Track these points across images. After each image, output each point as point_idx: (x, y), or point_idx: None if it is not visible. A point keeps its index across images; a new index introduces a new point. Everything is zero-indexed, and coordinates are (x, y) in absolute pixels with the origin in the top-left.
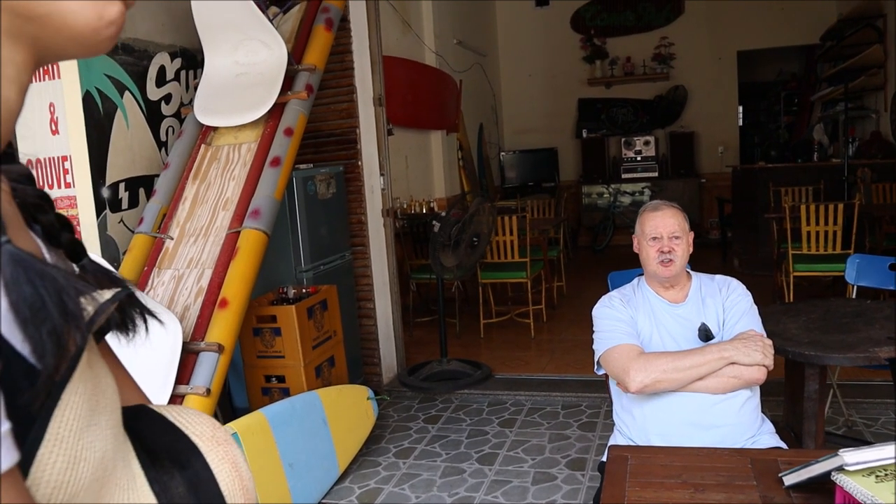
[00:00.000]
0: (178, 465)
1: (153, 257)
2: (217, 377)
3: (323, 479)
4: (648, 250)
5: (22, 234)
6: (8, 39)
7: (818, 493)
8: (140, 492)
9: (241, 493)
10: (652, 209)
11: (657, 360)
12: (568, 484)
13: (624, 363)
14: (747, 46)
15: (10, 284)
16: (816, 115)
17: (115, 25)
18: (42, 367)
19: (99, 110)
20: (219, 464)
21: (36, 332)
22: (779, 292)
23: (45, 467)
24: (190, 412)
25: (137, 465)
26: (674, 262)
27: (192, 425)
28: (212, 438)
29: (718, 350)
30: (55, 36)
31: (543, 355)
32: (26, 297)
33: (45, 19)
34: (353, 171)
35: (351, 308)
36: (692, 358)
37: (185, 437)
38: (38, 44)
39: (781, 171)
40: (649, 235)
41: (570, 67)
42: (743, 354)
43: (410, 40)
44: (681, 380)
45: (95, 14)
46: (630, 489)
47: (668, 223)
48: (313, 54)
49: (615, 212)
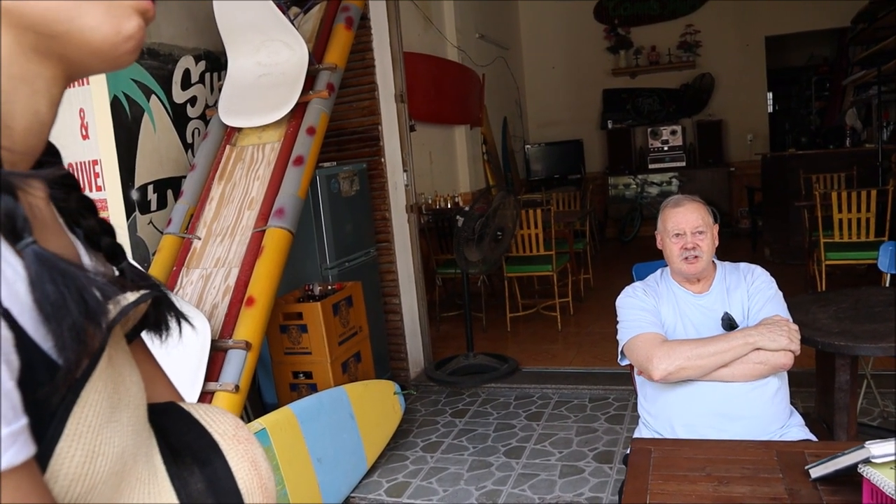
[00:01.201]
0: (198, 461)
1: (182, 257)
2: (245, 374)
3: (351, 474)
4: (672, 247)
5: (54, 237)
6: (35, 55)
7: (846, 486)
8: (160, 486)
9: (259, 492)
10: (673, 205)
11: (681, 347)
12: (595, 477)
13: (647, 351)
14: (776, 31)
15: (34, 282)
16: (849, 100)
17: (133, 40)
18: (62, 362)
19: (127, 114)
20: (238, 462)
21: (57, 328)
22: (811, 282)
23: (64, 461)
24: (215, 410)
25: (160, 459)
26: (700, 258)
27: (215, 423)
28: (233, 437)
29: (743, 336)
30: (78, 52)
31: (570, 348)
32: (49, 294)
33: (66, 37)
34: (376, 167)
35: (377, 304)
36: (716, 344)
37: (208, 435)
38: (64, 60)
39: (812, 157)
40: (672, 232)
41: (594, 58)
42: (768, 339)
43: (432, 36)
44: (705, 366)
45: (113, 30)
46: (653, 482)
47: (690, 218)
48: (334, 53)
49: (643, 202)
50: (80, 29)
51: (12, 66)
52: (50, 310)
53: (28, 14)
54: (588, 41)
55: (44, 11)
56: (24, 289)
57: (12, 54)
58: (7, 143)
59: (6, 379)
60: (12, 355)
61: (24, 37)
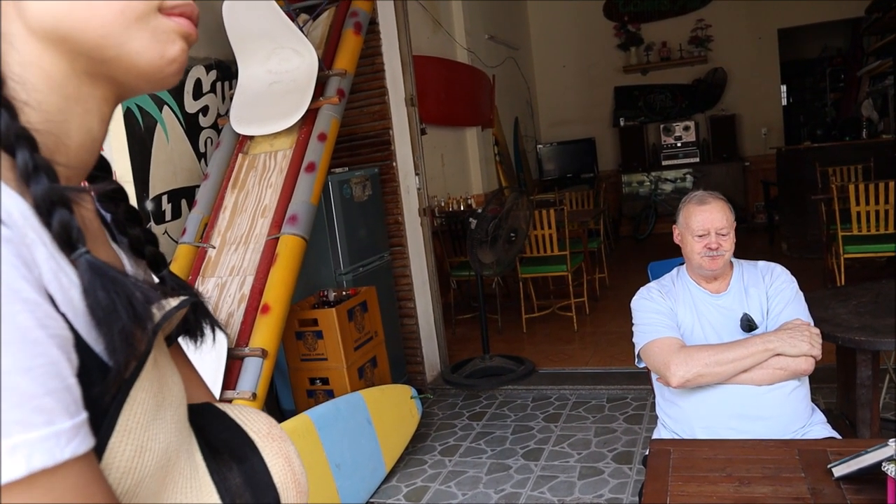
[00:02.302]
0: (236, 458)
1: (197, 266)
2: (262, 381)
3: (370, 479)
4: (693, 245)
5: (102, 246)
6: (88, 78)
7: (870, 485)
8: (201, 481)
9: (293, 487)
10: (698, 202)
11: (698, 354)
12: (615, 478)
13: (664, 357)
14: (788, 24)
15: (87, 290)
16: (864, 91)
17: (177, 63)
18: (113, 363)
19: (140, 126)
20: (273, 458)
21: (108, 332)
22: (830, 276)
23: (115, 455)
24: (250, 411)
25: (200, 456)
26: (722, 256)
27: (250, 422)
28: (268, 435)
29: (762, 342)
30: (126, 75)
31: (587, 348)
32: (101, 301)
33: (115, 61)
34: (388, 172)
35: (392, 308)
36: (735, 350)
37: (244, 433)
38: (114, 81)
39: (828, 150)
40: (696, 231)
41: (605, 56)
42: (788, 346)
43: (441, 38)
44: (723, 373)
45: (158, 54)
46: (673, 483)
47: (716, 218)
48: (343, 59)
49: (657, 200)
50: (129, 54)
51: (67, 87)
52: (102, 315)
53: (82, 41)
54: (598, 39)
55: (96, 38)
56: (78, 296)
57: (67, 77)
58: (63, 159)
59: (68, 374)
60: (73, 354)
61: (78, 61)
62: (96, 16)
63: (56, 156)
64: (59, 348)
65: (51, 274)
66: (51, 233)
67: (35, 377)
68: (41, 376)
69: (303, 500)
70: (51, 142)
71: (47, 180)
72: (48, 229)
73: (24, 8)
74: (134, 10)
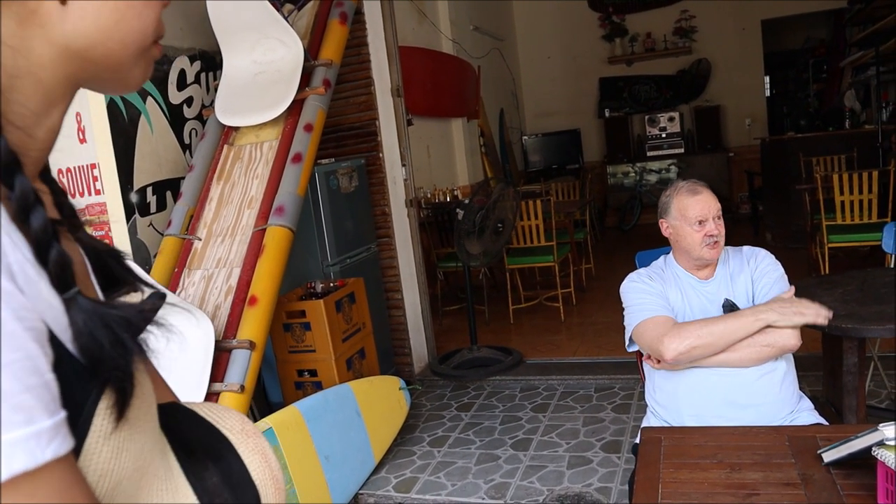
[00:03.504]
0: (211, 457)
1: (183, 258)
2: (250, 373)
3: (359, 471)
4: (694, 235)
5: (85, 280)
6: (74, 86)
7: (859, 469)
8: (177, 482)
9: (272, 484)
10: (690, 192)
11: (690, 326)
12: (604, 467)
13: (658, 332)
14: (771, 14)
15: (81, 332)
16: (847, 82)
17: (150, 73)
18: (96, 387)
19: (123, 117)
20: (250, 455)
21: (99, 368)
22: (814, 265)
23: (92, 457)
24: (219, 408)
25: (173, 457)
26: (719, 242)
27: (222, 419)
28: (241, 431)
29: (754, 312)
30: (110, 89)
31: (574, 338)
32: (94, 345)
33: (113, 81)
34: (374, 163)
35: (379, 300)
36: (727, 322)
37: (217, 431)
38: (81, 77)
39: (812, 140)
40: (695, 220)
41: (590, 47)
42: (779, 315)
43: (426, 29)
44: (716, 344)
45: (144, 77)
46: (664, 470)
47: (711, 205)
48: (329, 49)
49: (642, 190)
50: (130, 76)
51: (54, 93)
52: (93, 357)
53: (101, 65)
54: (583, 30)
55: (114, 64)
56: (46, 289)
57: (57, 83)
58: (32, 154)
59: (46, 369)
60: (48, 347)
61: (76, 75)
62: (125, 46)
63: (24, 154)
64: (36, 342)
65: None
66: (47, 270)
67: (13, 373)
68: (19, 371)
69: (281, 497)
70: (19, 139)
71: (43, 211)
72: (40, 262)
73: (55, 21)
74: (147, 42)
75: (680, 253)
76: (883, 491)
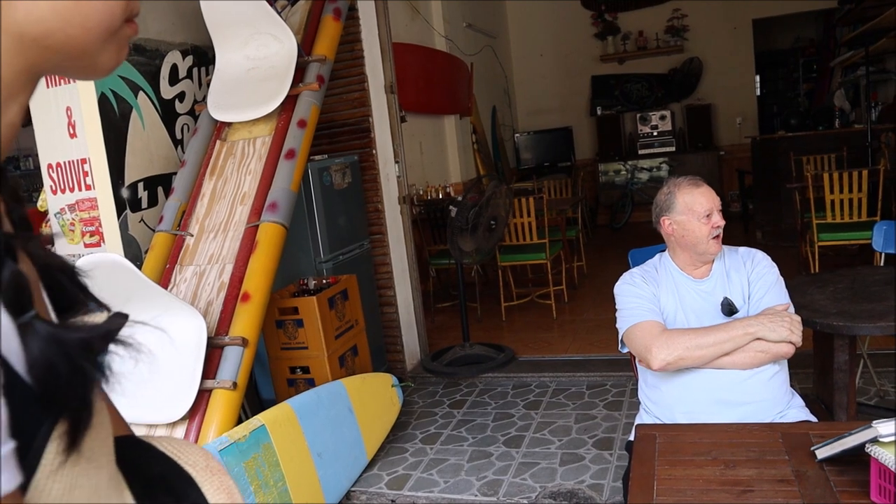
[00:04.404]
0: (173, 495)
1: (175, 255)
2: (242, 370)
3: (351, 468)
4: (701, 228)
5: (39, 300)
6: (35, 75)
7: (852, 466)
8: None
9: None
10: (693, 185)
11: (680, 337)
12: (596, 464)
13: (646, 341)
14: (763, 14)
15: (36, 361)
16: (837, 81)
17: (121, 63)
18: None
19: (115, 112)
20: (215, 494)
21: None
22: (804, 263)
23: (42, 493)
24: (181, 442)
25: (130, 496)
26: (720, 236)
27: (184, 455)
28: (206, 468)
29: (743, 326)
30: (78, 74)
31: (566, 336)
32: (50, 375)
33: (80, 67)
34: (367, 159)
35: (372, 296)
36: (716, 334)
37: (179, 468)
38: (43, 67)
39: (802, 139)
40: (702, 213)
41: (582, 45)
42: (768, 330)
43: (420, 26)
44: (704, 356)
45: (116, 61)
46: (659, 467)
47: (714, 197)
48: (323, 45)
49: (633, 188)
50: (98, 62)
51: (13, 85)
52: (50, 388)
53: (63, 50)
54: (575, 28)
55: (78, 49)
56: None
57: (17, 74)
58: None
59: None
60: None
61: (38, 62)
62: (88, 30)
63: None
64: None
65: None
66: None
67: None
68: None
69: None
70: None
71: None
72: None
73: (4, 8)
74: (114, 24)
75: (681, 249)
76: (876, 487)
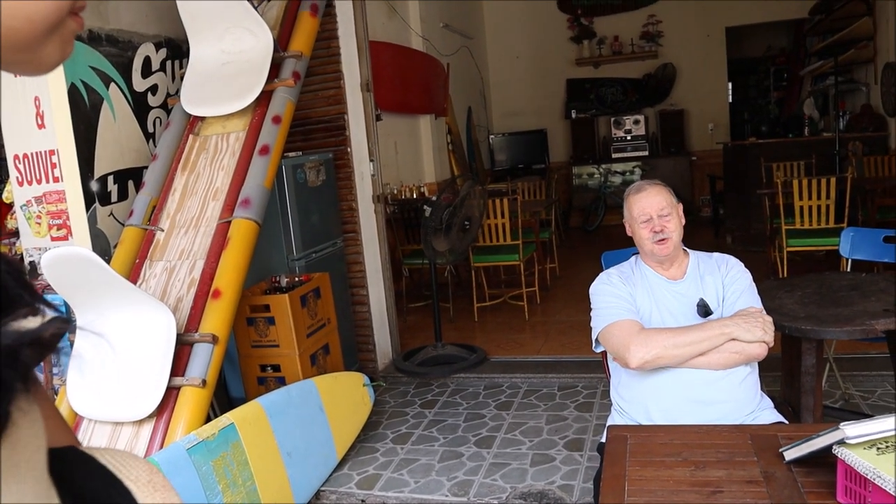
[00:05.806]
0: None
1: (144, 250)
2: (212, 368)
3: (321, 467)
4: (641, 232)
5: None
6: None
7: (820, 467)
8: None
9: None
10: (636, 192)
11: (658, 336)
12: (566, 465)
13: (624, 339)
14: (735, 22)
15: None
16: (806, 90)
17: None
18: None
19: (85, 103)
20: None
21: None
22: (773, 268)
23: None
24: (124, 455)
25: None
26: (669, 239)
27: (126, 469)
28: (148, 483)
29: (719, 326)
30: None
31: (538, 337)
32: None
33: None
34: (342, 157)
35: (344, 295)
36: (693, 334)
37: (118, 482)
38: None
39: (772, 146)
40: (639, 219)
41: (558, 48)
42: (743, 331)
43: (397, 24)
44: (681, 356)
45: (61, 56)
46: (630, 468)
47: (654, 202)
48: (299, 41)
49: (606, 192)
50: (39, 57)
51: None
52: None
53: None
54: (552, 31)
55: (19, 43)
56: None
57: None
58: None
59: None
60: None
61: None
62: (32, 22)
63: None
64: None
65: None
66: None
67: None
68: None
69: None
70: None
71: None
72: None
73: None
74: (58, 17)
75: (641, 252)
76: (842, 488)
